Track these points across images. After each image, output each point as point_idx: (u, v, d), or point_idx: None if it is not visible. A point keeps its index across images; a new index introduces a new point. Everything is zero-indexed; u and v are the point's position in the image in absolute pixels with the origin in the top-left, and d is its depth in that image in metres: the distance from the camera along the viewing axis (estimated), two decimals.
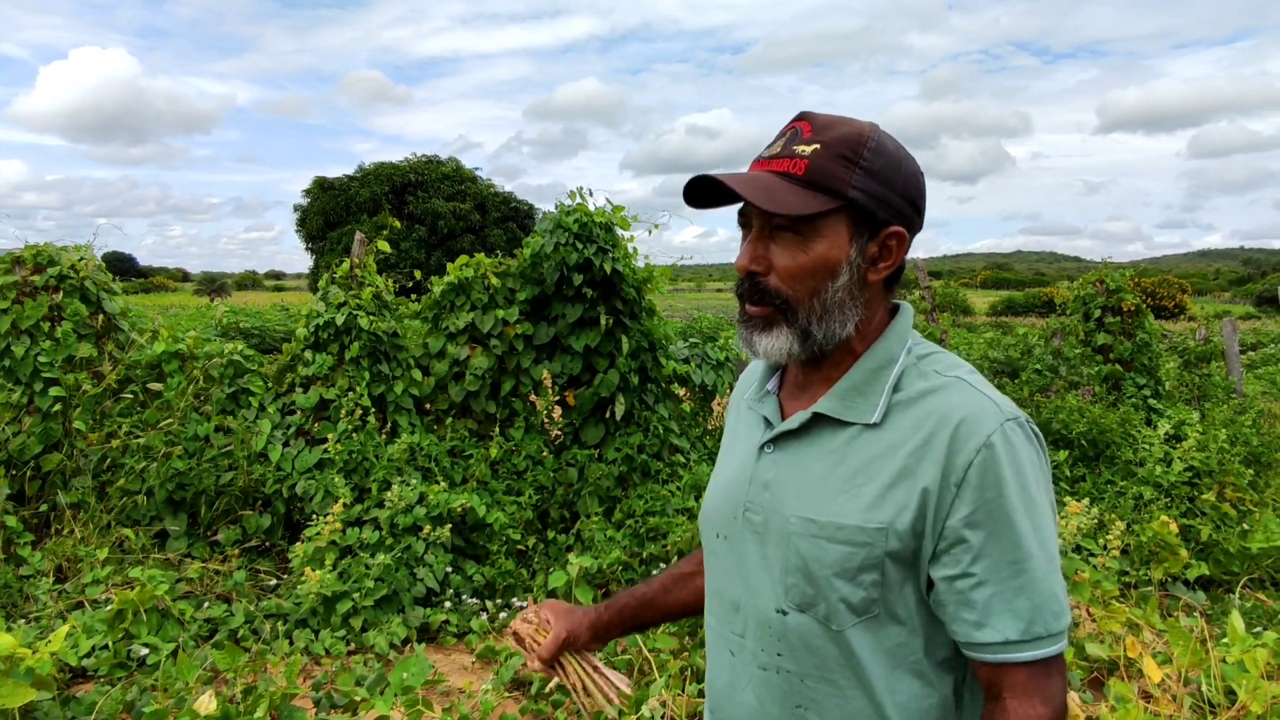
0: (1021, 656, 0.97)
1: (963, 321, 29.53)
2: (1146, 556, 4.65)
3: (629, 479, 5.36)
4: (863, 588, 1.02)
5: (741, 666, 1.12)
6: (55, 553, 4.43)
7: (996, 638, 0.97)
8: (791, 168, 1.02)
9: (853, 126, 1.04)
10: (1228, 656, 3.20)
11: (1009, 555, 0.97)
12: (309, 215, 36.55)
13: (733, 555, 1.14)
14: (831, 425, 1.07)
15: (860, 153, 1.02)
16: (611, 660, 3.47)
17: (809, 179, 1.01)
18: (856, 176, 1.01)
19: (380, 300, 5.42)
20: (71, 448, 4.88)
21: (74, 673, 3.54)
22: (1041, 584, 0.98)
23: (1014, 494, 0.97)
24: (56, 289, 5.15)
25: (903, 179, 1.04)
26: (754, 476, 1.12)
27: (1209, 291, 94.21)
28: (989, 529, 0.97)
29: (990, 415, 0.99)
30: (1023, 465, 0.99)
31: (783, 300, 1.05)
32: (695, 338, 6.75)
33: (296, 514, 4.86)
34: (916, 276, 7.95)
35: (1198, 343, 9.86)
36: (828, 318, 1.05)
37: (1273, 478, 6.52)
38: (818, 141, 1.03)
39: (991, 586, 0.97)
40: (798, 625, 1.06)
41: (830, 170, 1.01)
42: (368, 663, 3.72)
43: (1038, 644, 0.97)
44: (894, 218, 1.04)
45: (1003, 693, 0.99)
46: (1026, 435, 1.01)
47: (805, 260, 1.03)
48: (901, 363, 1.07)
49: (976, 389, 1.03)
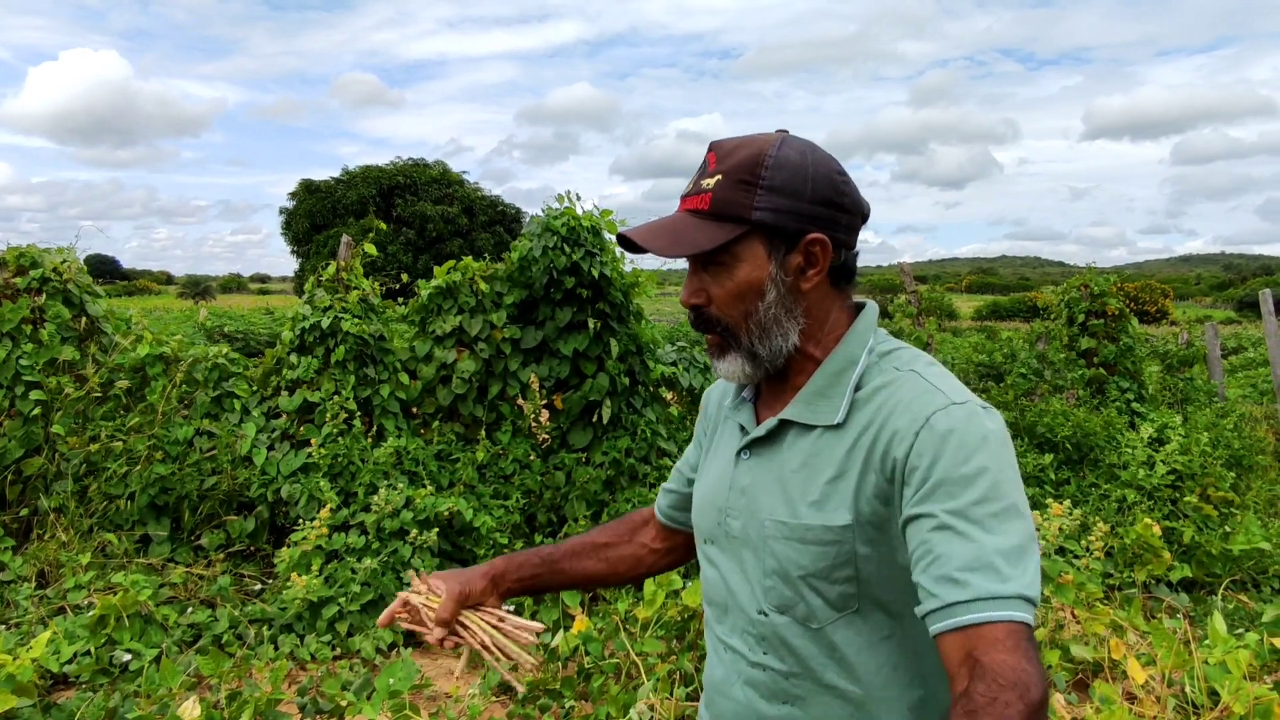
0: (990, 616, 0.89)
1: (948, 326, 29.70)
2: (1130, 559, 4.68)
3: (616, 483, 5.35)
4: (838, 584, 1.04)
5: (732, 665, 1.16)
6: (36, 558, 4.38)
7: (938, 604, 0.91)
8: (700, 204, 1.07)
9: (752, 147, 1.06)
10: (1210, 658, 3.22)
11: (966, 520, 0.93)
12: (295, 218, 36.39)
13: (718, 560, 1.18)
14: (798, 429, 1.10)
15: (758, 173, 1.05)
16: (599, 664, 3.46)
17: (714, 211, 1.06)
18: (758, 198, 1.04)
19: (367, 303, 5.39)
20: (53, 452, 4.83)
21: (55, 679, 3.50)
22: (1011, 546, 0.92)
23: (959, 460, 0.95)
24: (39, 291, 5.10)
25: (811, 185, 1.06)
26: (732, 483, 1.16)
27: (1191, 296, 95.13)
28: (938, 500, 0.94)
29: (934, 400, 1.00)
30: (967, 436, 0.96)
31: (724, 326, 1.11)
32: (683, 341, 6.76)
33: (281, 518, 4.82)
34: (903, 281, 7.98)
35: (1180, 347, 9.96)
36: (766, 336, 1.09)
37: (1254, 480, 6.58)
38: (720, 172, 1.06)
39: (948, 551, 0.92)
40: (779, 626, 1.09)
41: (730, 199, 1.05)
42: (354, 668, 3.70)
43: (1004, 603, 0.89)
44: (809, 225, 1.06)
45: (977, 656, 0.88)
46: (971, 415, 0.99)
47: (732, 286, 1.08)
48: (863, 363, 1.09)
49: (926, 380, 1.03)
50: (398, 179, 36.33)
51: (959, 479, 0.95)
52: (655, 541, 1.43)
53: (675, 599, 3.57)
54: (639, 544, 1.44)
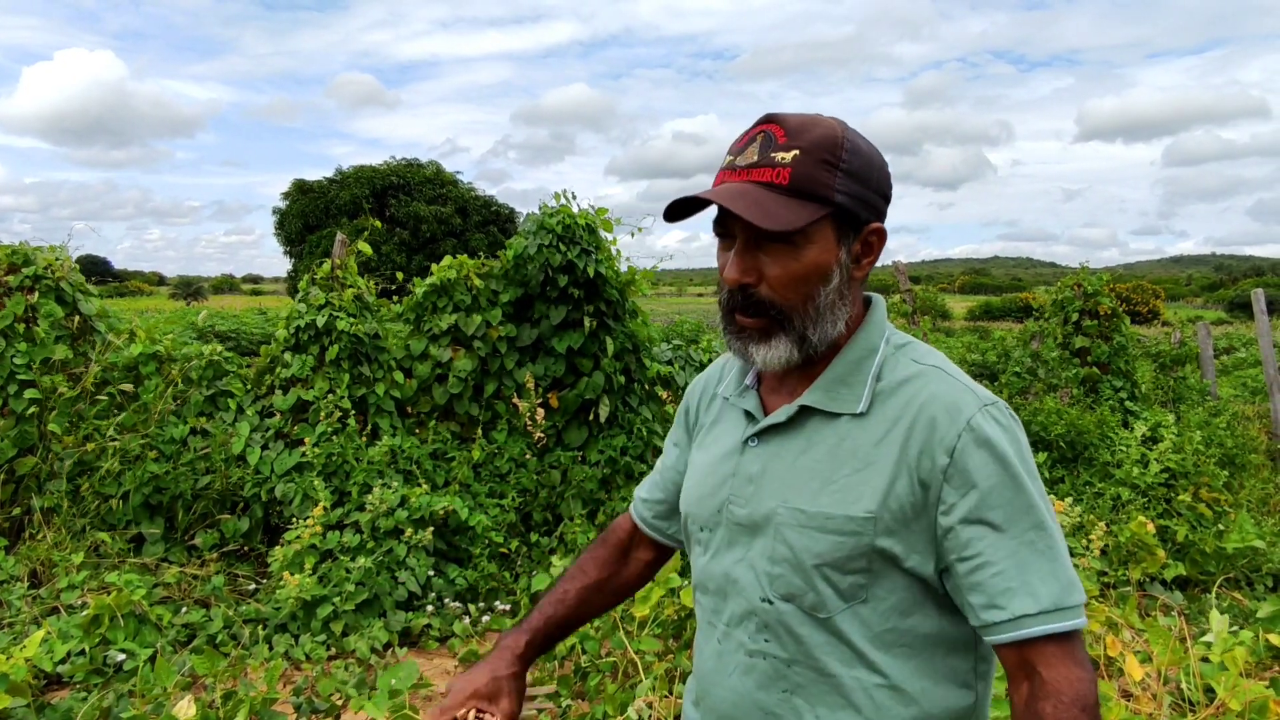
0: (1043, 629, 0.97)
1: (941, 326, 29.79)
2: (1125, 556, 4.70)
3: (612, 481, 5.35)
4: (850, 575, 1.04)
5: (729, 653, 1.14)
6: (30, 557, 4.36)
7: (1009, 615, 0.97)
8: (775, 177, 1.01)
9: (825, 127, 1.03)
10: (1208, 655, 3.23)
11: (1012, 534, 0.99)
12: (288, 218, 36.26)
13: (717, 548, 1.16)
14: (818, 417, 1.09)
15: (839, 155, 1.02)
16: (595, 663, 3.46)
17: (794, 187, 1.00)
18: (839, 180, 1.02)
19: (361, 302, 5.38)
20: (47, 451, 4.80)
21: (49, 679, 3.48)
22: (1049, 557, 0.99)
23: (1005, 473, 1.00)
24: (31, 290, 5.07)
25: (876, 175, 1.06)
26: (738, 470, 1.13)
27: (1182, 297, 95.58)
28: (985, 510, 0.99)
29: (969, 401, 1.03)
30: (1009, 446, 1.01)
31: (777, 310, 1.05)
32: (678, 340, 6.76)
33: (275, 517, 4.80)
34: (897, 280, 8.00)
35: (1173, 346, 10.00)
36: (821, 321, 1.06)
37: (1246, 479, 6.62)
38: (795, 147, 1.01)
39: (1007, 563, 0.98)
40: (784, 614, 1.07)
41: (814, 176, 1.01)
42: (349, 667, 3.68)
43: (1054, 616, 0.97)
44: (873, 215, 1.06)
45: (1037, 667, 0.98)
46: (1006, 417, 1.04)
47: (798, 268, 1.03)
48: (882, 352, 1.09)
49: (953, 377, 1.06)
50: (391, 179, 36.23)
51: (1002, 487, 0.99)
52: (647, 554, 1.43)
53: (672, 597, 3.57)
54: (635, 563, 1.43)
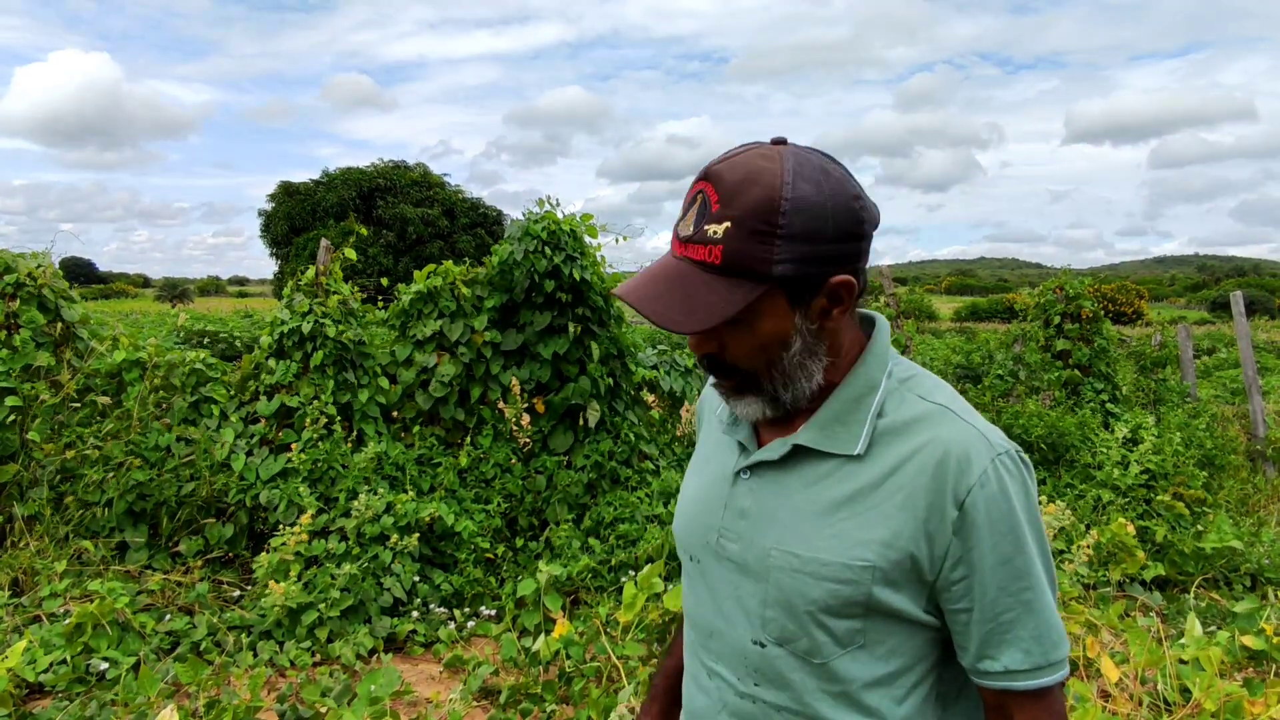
0: (1029, 685, 0.99)
1: (927, 327, 29.95)
2: (1105, 557, 4.75)
3: (598, 486, 5.36)
4: (847, 620, 1.00)
5: (717, 691, 1.10)
6: (11, 565, 4.33)
7: (1000, 668, 0.99)
8: (708, 255, 0.93)
9: (763, 186, 0.91)
10: (1184, 655, 3.28)
11: (1011, 591, 0.98)
12: (274, 220, 36.09)
13: (707, 581, 1.11)
14: (813, 456, 1.03)
15: (774, 221, 0.91)
16: (580, 668, 3.47)
17: (727, 265, 0.92)
18: (778, 250, 0.91)
19: (346, 308, 5.37)
20: (28, 458, 4.78)
21: (31, 688, 3.46)
22: (1044, 616, 0.99)
23: (1013, 530, 0.97)
24: (13, 296, 5.04)
25: (832, 222, 0.93)
26: (729, 502, 1.09)
27: (1166, 297, 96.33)
28: (990, 566, 0.97)
29: (981, 449, 0.97)
30: (1018, 500, 0.98)
31: (743, 373, 1.01)
32: (664, 345, 6.78)
33: (260, 524, 4.79)
34: (881, 284, 8.05)
35: (1153, 348, 10.10)
36: (792, 381, 1.01)
37: (1225, 479, 6.70)
38: (728, 218, 0.92)
39: (995, 620, 0.98)
40: (776, 658, 1.03)
41: (747, 252, 0.91)
42: (334, 674, 3.68)
43: (1041, 673, 0.99)
44: (833, 267, 0.95)
45: (1013, 715, 1.01)
46: (1018, 467, 1.00)
47: (753, 340, 0.98)
48: (884, 388, 1.02)
49: (963, 419, 1.00)
50: (378, 181, 36.12)
51: (1006, 544, 0.97)
52: None
53: (656, 602, 3.59)
54: None
